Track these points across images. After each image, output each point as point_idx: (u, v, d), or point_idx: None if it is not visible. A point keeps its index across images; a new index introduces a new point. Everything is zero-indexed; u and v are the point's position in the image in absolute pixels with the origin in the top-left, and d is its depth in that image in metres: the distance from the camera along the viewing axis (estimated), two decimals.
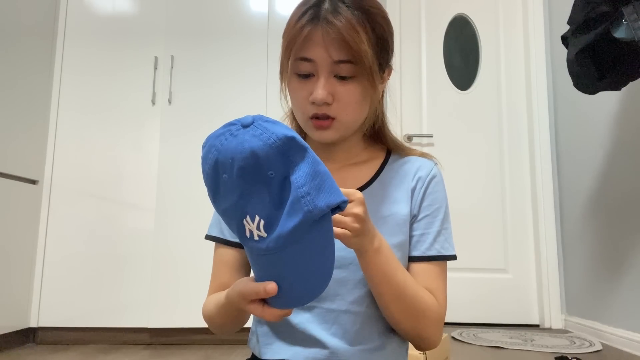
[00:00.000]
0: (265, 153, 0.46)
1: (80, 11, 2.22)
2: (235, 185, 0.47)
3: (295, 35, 0.66)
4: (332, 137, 0.70)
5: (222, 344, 2.04)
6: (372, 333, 0.69)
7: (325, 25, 0.64)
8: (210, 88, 2.19)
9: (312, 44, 0.65)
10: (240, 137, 0.47)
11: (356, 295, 0.68)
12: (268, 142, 0.46)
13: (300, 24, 0.66)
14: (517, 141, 2.72)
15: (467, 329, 2.37)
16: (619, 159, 2.06)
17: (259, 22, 2.24)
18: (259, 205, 0.47)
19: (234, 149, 0.46)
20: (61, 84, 2.17)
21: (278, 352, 0.69)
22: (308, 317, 0.69)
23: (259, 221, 0.48)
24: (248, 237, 0.49)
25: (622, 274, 2.01)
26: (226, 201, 0.49)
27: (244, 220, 0.48)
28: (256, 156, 0.46)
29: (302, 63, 0.67)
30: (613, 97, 2.06)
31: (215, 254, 0.76)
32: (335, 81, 0.66)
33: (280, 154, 0.46)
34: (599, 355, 1.85)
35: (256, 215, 0.48)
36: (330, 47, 0.64)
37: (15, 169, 1.94)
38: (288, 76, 0.70)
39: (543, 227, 2.57)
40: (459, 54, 2.82)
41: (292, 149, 0.47)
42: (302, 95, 0.68)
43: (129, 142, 2.15)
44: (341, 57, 0.65)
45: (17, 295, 1.94)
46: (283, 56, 0.69)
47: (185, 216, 2.08)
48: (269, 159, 0.46)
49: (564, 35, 1.79)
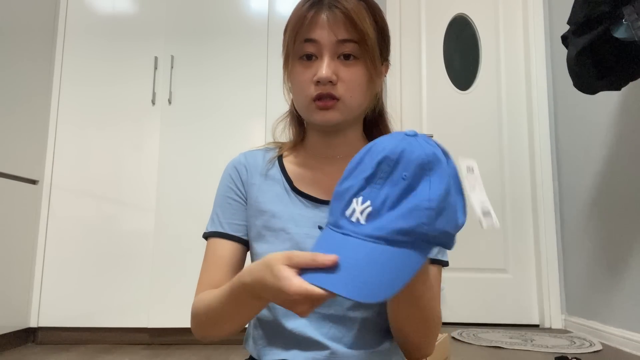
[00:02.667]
0: (411, 157, 0.49)
1: (80, 11, 2.22)
2: (369, 168, 0.50)
3: (300, 18, 0.68)
4: (336, 118, 0.69)
5: (222, 344, 2.04)
6: (369, 336, 0.69)
7: (331, 8, 0.67)
8: (210, 88, 2.19)
9: (317, 26, 0.67)
10: (397, 138, 0.51)
11: (352, 302, 0.67)
12: (420, 149, 0.50)
13: (304, 8, 0.68)
14: (517, 141, 2.72)
15: (467, 329, 2.37)
16: (619, 159, 2.06)
17: (259, 21, 2.24)
18: (376, 194, 0.49)
19: (388, 142, 0.51)
20: (61, 84, 2.17)
21: (276, 353, 0.69)
22: (304, 322, 0.67)
23: (367, 207, 0.49)
24: (347, 215, 0.51)
25: (622, 274, 2.01)
26: (353, 180, 0.52)
27: (355, 198, 0.50)
28: (402, 155, 0.49)
29: (306, 45, 0.68)
30: (613, 97, 2.06)
31: (208, 250, 0.73)
32: (339, 62, 0.68)
33: (422, 165, 0.49)
34: (599, 355, 1.85)
35: (369, 201, 0.49)
36: (335, 27, 0.67)
37: (15, 169, 1.94)
38: (291, 63, 0.70)
39: (543, 227, 2.57)
40: (459, 54, 2.82)
41: (435, 165, 0.49)
42: (306, 78, 0.69)
43: (129, 142, 2.15)
44: (345, 36, 0.67)
45: (17, 295, 1.94)
46: (288, 41, 0.70)
47: (185, 216, 2.08)
48: (411, 164, 0.49)
49: (564, 35, 1.79)
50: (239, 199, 0.75)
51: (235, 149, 0.96)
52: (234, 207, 0.75)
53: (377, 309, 0.69)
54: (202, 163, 2.12)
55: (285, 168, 0.76)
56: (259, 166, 0.77)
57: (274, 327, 0.70)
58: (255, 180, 0.75)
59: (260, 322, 0.72)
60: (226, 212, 0.74)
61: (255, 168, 0.77)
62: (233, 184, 0.76)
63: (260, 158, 0.78)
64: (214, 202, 0.77)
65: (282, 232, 0.70)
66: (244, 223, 0.74)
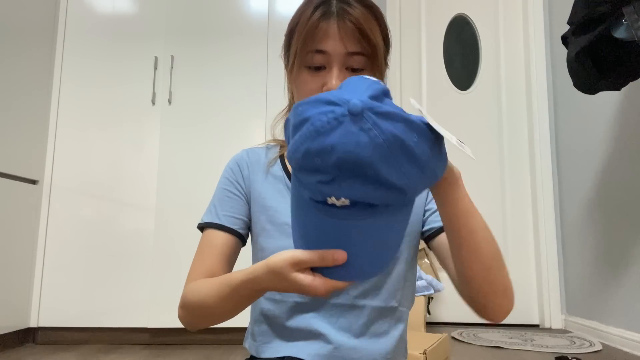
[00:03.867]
0: (370, 154, 0.42)
1: (80, 11, 2.22)
2: (329, 171, 0.44)
3: (311, 28, 0.67)
4: None
5: (222, 344, 2.04)
6: (377, 325, 0.70)
7: (341, 18, 0.66)
8: (210, 88, 2.19)
9: (328, 37, 0.67)
10: (345, 128, 0.43)
11: (360, 289, 0.69)
12: (375, 141, 0.42)
13: (315, 17, 0.67)
14: (517, 141, 2.72)
15: (467, 329, 2.37)
16: (619, 158, 2.06)
17: (259, 21, 2.24)
18: (348, 190, 0.45)
19: (336, 139, 0.43)
20: (61, 84, 2.17)
21: (278, 350, 0.69)
22: (313, 314, 0.69)
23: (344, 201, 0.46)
24: (328, 204, 0.47)
25: (622, 274, 2.01)
26: (310, 177, 0.46)
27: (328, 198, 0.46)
28: (359, 155, 0.42)
29: (315, 55, 0.67)
30: (613, 97, 2.06)
31: (203, 240, 0.73)
32: (347, 73, 0.68)
33: (384, 157, 0.43)
34: (599, 355, 1.85)
35: (342, 198, 0.46)
36: (345, 39, 0.66)
37: (15, 169, 1.94)
38: (296, 69, 0.70)
39: (543, 227, 2.57)
40: (459, 54, 2.82)
41: (399, 150, 0.43)
42: (314, 87, 0.68)
43: (129, 142, 2.15)
44: (356, 49, 0.66)
45: (17, 295, 1.94)
46: (297, 48, 0.69)
47: (185, 216, 2.08)
48: (373, 160, 0.43)
49: (564, 35, 1.79)
50: (239, 193, 0.76)
51: (235, 149, 0.96)
52: (233, 201, 0.75)
53: (384, 295, 0.70)
54: (202, 163, 2.12)
55: (286, 165, 0.76)
56: (261, 163, 0.78)
57: (280, 321, 0.70)
58: (257, 176, 0.76)
59: (264, 317, 0.73)
60: (224, 204, 0.75)
61: (257, 165, 0.77)
62: (234, 178, 0.77)
63: (262, 155, 0.79)
64: (213, 195, 0.77)
65: (286, 226, 0.71)
66: (241, 217, 0.75)
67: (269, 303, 0.72)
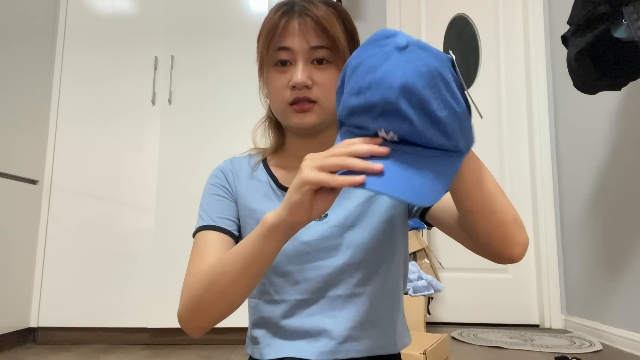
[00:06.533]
0: (415, 81, 0.47)
1: (80, 11, 2.21)
2: (378, 103, 0.49)
3: (272, 27, 0.71)
4: (313, 120, 0.72)
5: (222, 344, 2.04)
6: (379, 311, 0.71)
7: (301, 15, 0.70)
8: (210, 88, 2.19)
9: (289, 34, 0.71)
10: (393, 60, 0.48)
11: (357, 278, 0.70)
12: (420, 69, 0.48)
13: (276, 16, 0.72)
14: (517, 141, 2.72)
15: (467, 329, 2.37)
16: (619, 158, 2.06)
17: (258, 22, 2.21)
18: (397, 123, 0.49)
19: (384, 71, 0.48)
20: (61, 84, 2.17)
21: (281, 350, 0.69)
22: (314, 309, 0.69)
23: (393, 135, 0.50)
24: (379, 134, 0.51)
25: (622, 274, 2.01)
26: (363, 117, 0.51)
27: (378, 131, 0.51)
28: (406, 83, 0.47)
29: (280, 52, 0.71)
30: (613, 97, 2.06)
31: (198, 242, 0.72)
32: (313, 67, 0.71)
33: (427, 84, 0.48)
34: (599, 355, 1.85)
35: (391, 131, 0.50)
36: (307, 34, 0.70)
37: (15, 169, 1.94)
38: (266, 70, 0.74)
39: (543, 227, 2.57)
40: (459, 54, 2.82)
41: (439, 79, 0.48)
42: (281, 83, 0.72)
43: (129, 142, 2.15)
44: (317, 43, 0.70)
45: (17, 295, 1.94)
46: (262, 49, 0.74)
47: (185, 216, 2.08)
48: (418, 86, 0.47)
49: (564, 35, 1.79)
50: (228, 196, 0.77)
51: (235, 149, 0.96)
52: (222, 203, 0.76)
53: (381, 278, 0.71)
54: (202, 163, 2.12)
55: (270, 169, 0.79)
56: (244, 170, 0.80)
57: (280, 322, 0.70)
58: (242, 182, 0.78)
59: (264, 320, 0.73)
60: (215, 208, 0.76)
61: (241, 172, 0.79)
62: (220, 184, 0.78)
63: (246, 163, 0.81)
64: (200, 204, 0.78)
65: None
66: (233, 219, 0.75)
67: (268, 306, 0.72)
